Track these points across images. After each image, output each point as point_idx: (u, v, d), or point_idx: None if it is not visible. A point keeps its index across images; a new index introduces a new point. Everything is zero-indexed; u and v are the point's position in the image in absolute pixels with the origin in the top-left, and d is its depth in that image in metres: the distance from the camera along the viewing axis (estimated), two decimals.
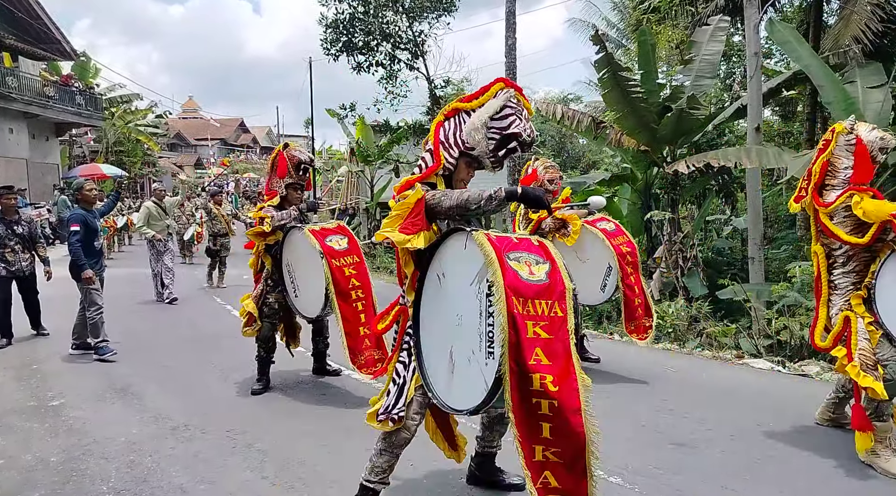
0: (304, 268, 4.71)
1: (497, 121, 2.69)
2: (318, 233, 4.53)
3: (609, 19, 19.75)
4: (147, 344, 6.76)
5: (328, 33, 14.77)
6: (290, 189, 5.01)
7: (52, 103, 21.91)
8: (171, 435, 4.10)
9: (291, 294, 4.87)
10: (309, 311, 4.76)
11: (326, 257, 4.37)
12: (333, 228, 4.69)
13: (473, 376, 2.37)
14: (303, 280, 4.75)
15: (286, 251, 4.86)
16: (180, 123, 53.10)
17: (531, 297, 2.26)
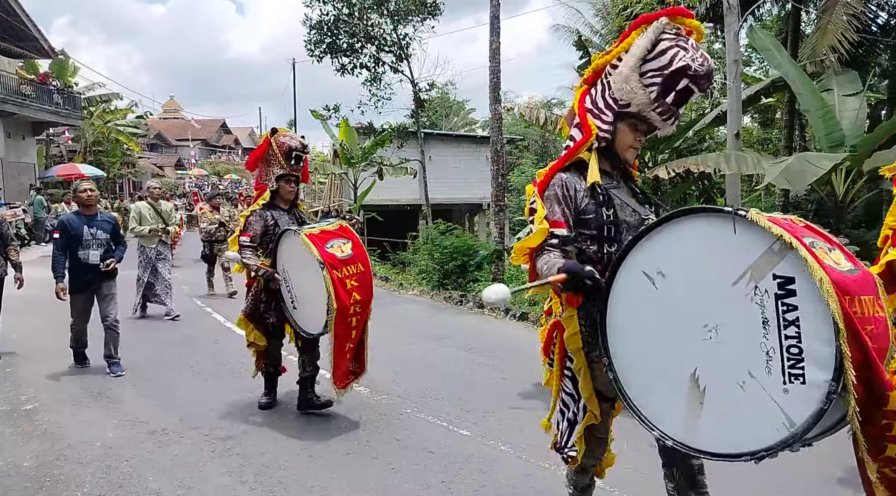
0: (302, 276, 4.10)
1: (652, 61, 2.06)
2: (318, 237, 3.92)
3: (592, 25, 19.92)
4: (123, 347, 6.64)
5: (312, 34, 14.69)
6: (282, 182, 4.33)
7: (29, 102, 21.53)
8: (148, 439, 4.03)
9: (289, 305, 4.26)
10: (308, 327, 4.15)
11: (327, 268, 3.79)
12: (335, 231, 4.07)
13: (754, 407, 1.69)
14: (301, 290, 4.17)
15: (282, 255, 4.25)
16: (161, 124, 52.46)
17: (857, 293, 1.61)
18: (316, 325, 4.06)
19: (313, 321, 4.07)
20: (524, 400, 4.77)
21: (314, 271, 3.85)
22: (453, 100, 35.96)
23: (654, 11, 2.44)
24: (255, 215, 4.32)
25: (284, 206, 4.46)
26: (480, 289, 9.71)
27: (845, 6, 8.63)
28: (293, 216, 4.49)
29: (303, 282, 4.12)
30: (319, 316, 3.94)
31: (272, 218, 4.36)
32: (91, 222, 5.42)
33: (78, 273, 5.40)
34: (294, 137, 4.36)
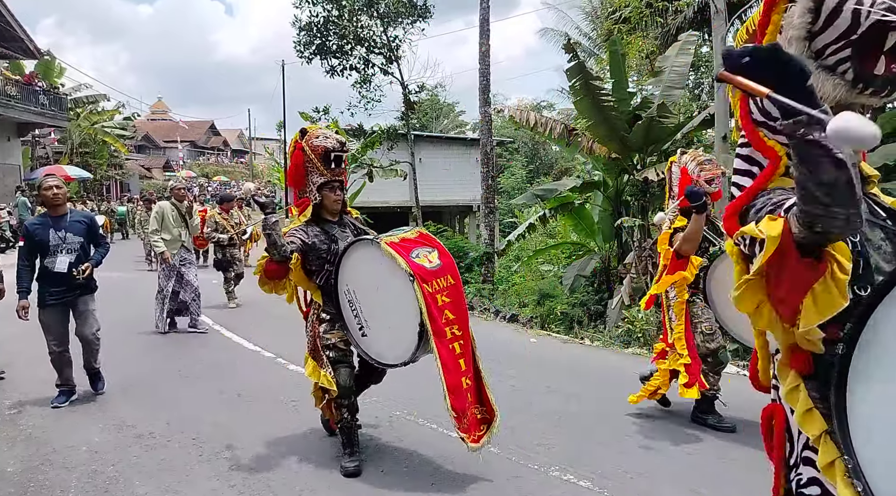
0: (376, 296, 3.45)
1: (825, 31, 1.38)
2: (400, 245, 3.30)
3: (581, 29, 20.04)
4: (110, 350, 6.58)
5: (301, 36, 14.66)
6: (325, 191, 3.60)
7: (14, 102, 21.30)
8: (135, 443, 4.00)
9: (355, 332, 3.57)
10: (387, 356, 3.46)
11: (418, 281, 3.15)
12: (415, 238, 3.43)
13: None
14: (374, 312, 3.48)
15: (345, 274, 3.54)
16: (149, 125, 52.10)
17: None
18: (398, 353, 3.36)
19: (394, 348, 3.39)
20: (513, 401, 4.77)
21: (398, 287, 3.23)
22: (443, 102, 35.97)
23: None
24: (295, 235, 3.52)
25: (332, 218, 3.72)
26: (470, 292, 9.72)
27: None
28: (348, 227, 3.77)
29: (377, 303, 3.44)
30: (404, 341, 3.29)
31: (323, 233, 3.61)
32: (59, 224, 4.59)
33: (47, 285, 4.59)
34: (329, 136, 3.61)
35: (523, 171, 26.05)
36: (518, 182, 24.80)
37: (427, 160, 19.18)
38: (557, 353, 6.55)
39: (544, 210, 10.39)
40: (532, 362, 6.16)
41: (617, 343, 7.08)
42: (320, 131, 3.65)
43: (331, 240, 3.61)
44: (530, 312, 8.30)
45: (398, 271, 3.21)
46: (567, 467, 3.54)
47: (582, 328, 7.82)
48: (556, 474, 3.47)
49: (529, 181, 25.02)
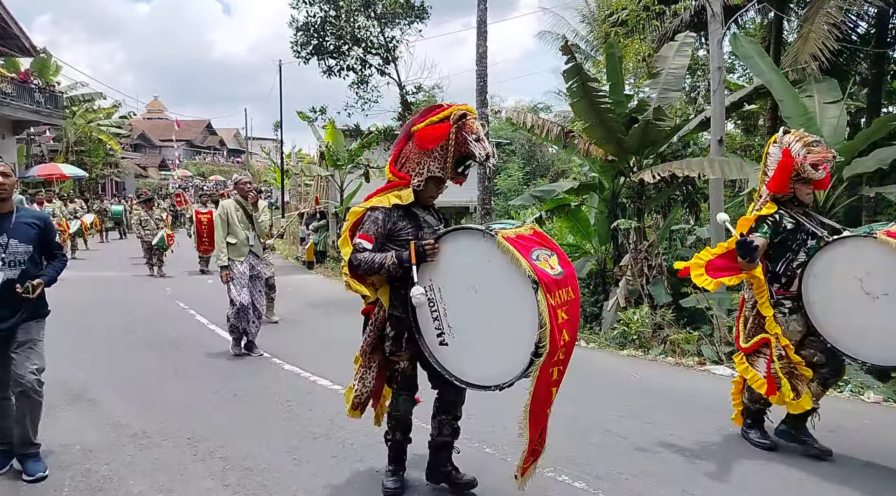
0: (472, 300, 2.83)
1: None
2: (517, 242, 2.71)
3: (578, 31, 20.08)
4: (104, 348, 6.57)
5: (299, 36, 14.65)
6: (432, 183, 3.08)
7: (9, 100, 21.21)
8: (129, 442, 3.98)
9: (430, 339, 2.98)
10: (473, 375, 2.88)
11: (543, 290, 2.56)
12: (531, 236, 2.83)
13: None
14: (465, 319, 2.87)
15: (430, 267, 2.93)
16: (145, 124, 51.97)
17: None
18: (492, 373, 2.80)
19: (487, 366, 2.83)
20: (508, 402, 4.77)
21: (510, 293, 2.68)
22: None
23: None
24: (379, 213, 3.03)
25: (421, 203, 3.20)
26: None
27: (826, 15, 8.78)
28: (438, 215, 3.27)
29: (472, 308, 2.83)
30: (505, 360, 2.72)
31: (408, 217, 3.09)
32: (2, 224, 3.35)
33: None
34: (482, 141, 2.97)
35: (520, 173, 26.08)
36: (515, 183, 24.82)
37: None
38: None
39: (541, 212, 10.40)
40: None
41: (613, 345, 7.10)
42: (477, 130, 2.98)
43: (418, 226, 3.07)
44: None
45: (515, 274, 2.63)
46: (562, 468, 3.54)
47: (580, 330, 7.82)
48: (551, 475, 3.47)
49: (526, 183, 25.04)
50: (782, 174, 3.60)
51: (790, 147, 3.60)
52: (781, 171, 3.61)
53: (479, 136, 2.95)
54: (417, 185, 3.04)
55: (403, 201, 3.04)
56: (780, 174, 3.61)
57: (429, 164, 3.01)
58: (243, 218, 6.14)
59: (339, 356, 6.05)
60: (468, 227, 2.94)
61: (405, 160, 3.09)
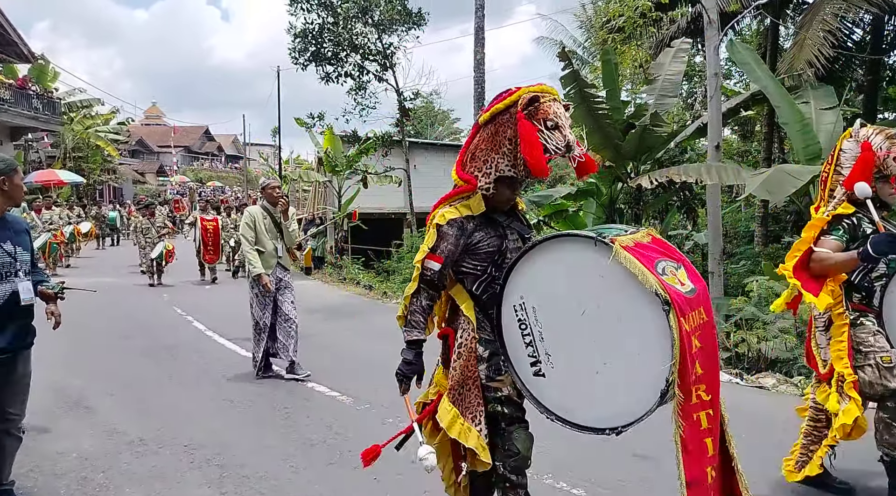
0: (579, 322, 2.27)
1: None
2: (636, 251, 2.16)
3: (576, 38, 20.19)
4: (101, 354, 6.54)
5: (296, 43, 14.68)
6: (504, 186, 2.50)
7: (7, 106, 21.22)
8: (126, 450, 3.96)
9: (520, 367, 2.44)
10: (581, 414, 2.33)
11: (675, 312, 2.04)
12: (648, 242, 2.29)
13: None
14: (569, 345, 2.33)
15: (521, 282, 2.40)
16: (143, 130, 52.01)
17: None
18: (606, 413, 2.27)
19: (600, 405, 2.28)
20: None
21: (633, 314, 2.14)
22: (438, 109, 36.13)
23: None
24: (451, 227, 2.48)
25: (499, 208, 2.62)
26: None
27: (822, 22, 8.83)
28: (524, 220, 2.74)
29: (579, 332, 2.28)
30: (625, 398, 2.20)
31: (488, 224, 2.54)
32: (3, 230, 2.91)
33: None
34: (560, 129, 2.35)
35: None
36: None
37: (422, 167, 19.20)
38: None
39: (539, 217, 10.41)
40: None
41: None
42: (557, 113, 2.36)
43: (500, 234, 2.54)
44: None
45: (637, 291, 2.09)
46: (560, 475, 3.53)
47: None
48: (550, 482, 3.46)
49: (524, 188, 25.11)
50: (863, 169, 3.16)
51: (870, 140, 3.20)
52: (862, 167, 3.16)
53: (555, 122, 2.34)
54: (486, 189, 2.48)
55: (474, 211, 2.50)
56: (861, 169, 3.16)
57: (497, 162, 2.44)
58: (271, 226, 5.52)
59: (337, 362, 6.06)
60: (575, 233, 2.36)
61: (471, 158, 2.55)
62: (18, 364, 2.97)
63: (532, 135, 2.31)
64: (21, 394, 3.02)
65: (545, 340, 2.36)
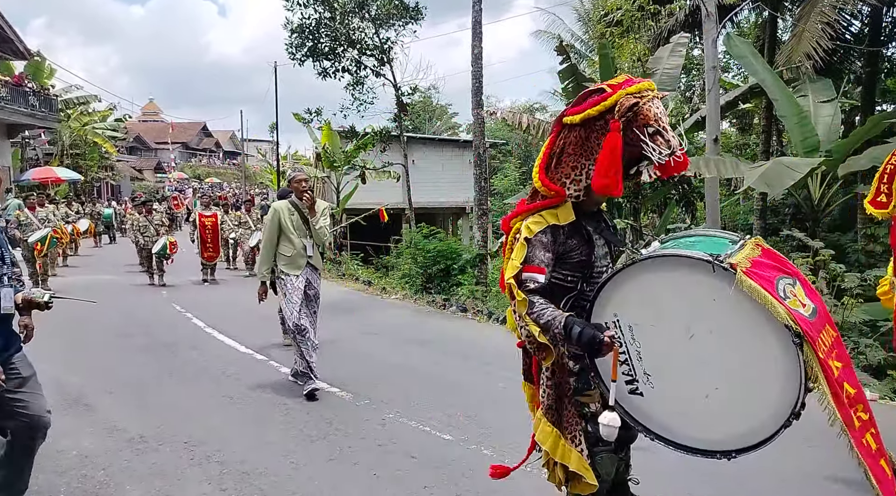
0: (685, 345, 2.11)
1: None
2: (757, 274, 1.94)
3: (574, 31, 20.13)
4: (101, 352, 6.54)
5: (293, 38, 14.65)
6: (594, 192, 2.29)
7: (4, 104, 21.14)
8: (126, 447, 3.97)
9: (615, 385, 2.20)
10: (691, 437, 2.19)
11: (810, 344, 1.87)
12: (759, 256, 2.06)
13: None
14: (675, 368, 2.17)
15: (616, 297, 2.24)
16: (140, 126, 51.89)
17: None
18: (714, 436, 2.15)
19: (706, 427, 2.16)
20: (507, 403, 4.77)
21: (751, 342, 1.99)
22: (436, 104, 36.06)
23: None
24: (545, 235, 2.30)
25: None
26: (464, 293, 9.73)
27: (820, 14, 8.82)
28: (611, 226, 2.56)
29: (683, 353, 2.13)
30: (733, 421, 2.08)
31: (576, 232, 2.35)
32: None
33: None
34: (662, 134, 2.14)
35: (516, 173, 26.12)
36: (511, 184, 24.86)
37: (420, 162, 19.19)
38: None
39: None
40: None
41: None
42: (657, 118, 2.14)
43: (589, 246, 2.36)
44: None
45: (760, 318, 1.93)
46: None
47: None
48: None
49: (522, 183, 25.06)
50: None
51: None
52: None
53: (657, 128, 2.14)
54: (576, 197, 2.29)
55: (562, 221, 2.32)
56: None
57: (589, 169, 2.24)
58: (299, 223, 5.08)
59: (337, 358, 6.06)
60: (687, 254, 2.07)
61: (556, 162, 2.34)
62: (20, 367, 2.81)
63: (618, 152, 2.14)
64: (43, 397, 2.91)
65: (644, 360, 2.22)
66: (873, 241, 8.71)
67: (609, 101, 2.17)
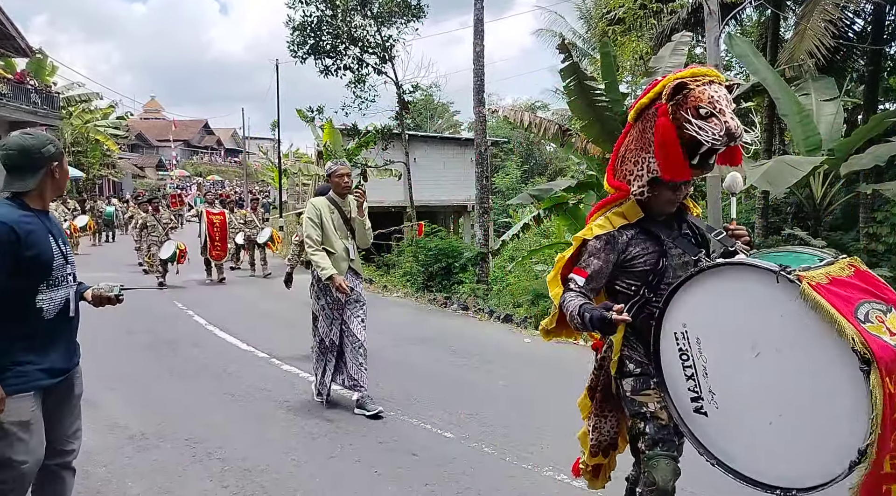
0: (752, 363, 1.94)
1: None
2: (830, 291, 1.77)
3: (576, 30, 20.09)
4: (102, 350, 6.55)
5: (295, 36, 14.63)
6: (663, 188, 2.19)
7: (6, 101, 21.16)
8: (127, 444, 3.98)
9: (679, 401, 2.17)
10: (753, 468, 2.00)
11: (878, 372, 1.66)
12: (848, 277, 1.88)
13: None
14: (741, 389, 2.00)
15: (684, 309, 2.11)
16: (142, 124, 51.94)
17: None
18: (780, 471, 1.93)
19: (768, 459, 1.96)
20: (508, 401, 4.77)
21: (822, 367, 1.80)
22: (438, 102, 36.03)
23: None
24: (599, 241, 2.24)
25: (659, 218, 2.31)
26: (465, 292, 9.73)
27: (823, 12, 8.79)
28: (688, 228, 2.36)
29: (751, 373, 1.95)
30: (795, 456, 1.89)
31: (647, 238, 2.26)
32: (52, 225, 2.39)
33: (38, 349, 2.29)
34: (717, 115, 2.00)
35: (518, 171, 26.11)
36: (513, 182, 24.86)
37: (421, 160, 19.17)
38: (551, 353, 6.55)
39: (539, 210, 10.40)
40: (526, 362, 6.17)
41: None
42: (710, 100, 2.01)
43: (660, 251, 2.23)
44: (524, 312, 8.30)
45: (829, 341, 1.75)
46: (560, 467, 3.54)
47: None
48: (550, 474, 3.47)
49: (524, 181, 25.08)
50: None
51: None
52: None
53: (710, 110, 2.00)
54: (640, 193, 2.20)
55: (629, 219, 2.24)
56: None
57: (649, 162, 2.16)
58: (340, 223, 4.51)
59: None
60: (755, 262, 1.92)
61: (621, 161, 2.31)
62: (75, 384, 2.54)
63: (668, 133, 2.04)
64: (78, 419, 2.57)
65: (709, 377, 2.06)
66: (875, 240, 8.68)
67: (657, 86, 2.14)
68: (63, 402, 2.47)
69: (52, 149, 2.40)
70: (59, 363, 2.37)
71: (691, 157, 2.09)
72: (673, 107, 2.05)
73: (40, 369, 2.28)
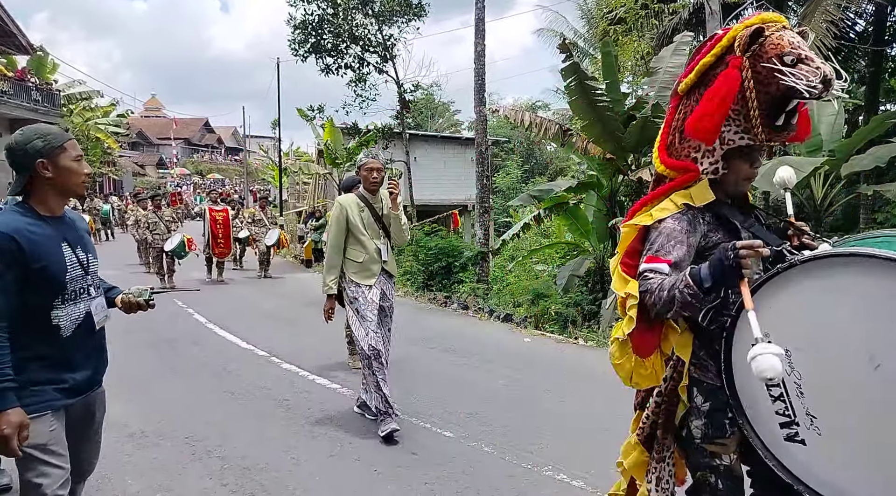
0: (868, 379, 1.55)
1: None
2: None
3: (577, 29, 20.08)
4: None
5: (296, 34, 14.64)
6: (740, 160, 1.89)
7: (6, 98, 21.17)
8: (127, 441, 3.98)
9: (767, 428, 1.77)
10: None
11: None
12: None
13: None
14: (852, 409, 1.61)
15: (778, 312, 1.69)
16: (143, 122, 51.95)
17: None
18: None
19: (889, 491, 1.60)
20: (507, 401, 4.78)
21: None
22: (438, 101, 36.02)
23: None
24: (676, 221, 1.87)
25: (728, 200, 1.97)
26: (465, 291, 9.73)
27: (824, 13, 8.79)
28: (763, 218, 2.05)
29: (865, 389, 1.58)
30: None
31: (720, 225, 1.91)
32: (67, 231, 2.20)
33: (56, 366, 2.18)
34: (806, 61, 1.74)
35: (518, 171, 26.11)
36: (513, 181, 24.85)
37: (422, 159, 19.18)
38: (551, 353, 6.55)
39: (539, 210, 10.40)
40: (526, 361, 6.17)
41: None
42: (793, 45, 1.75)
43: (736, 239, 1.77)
44: (524, 312, 8.31)
45: None
46: (560, 466, 3.55)
47: (576, 328, 7.83)
48: (549, 473, 3.48)
49: (524, 180, 25.07)
50: None
51: None
52: None
53: (797, 56, 1.71)
54: (713, 171, 1.85)
55: (697, 202, 1.87)
56: None
57: (722, 131, 1.82)
58: (371, 221, 4.09)
59: (337, 355, 6.06)
60: (869, 252, 1.53)
61: (680, 136, 1.93)
62: (96, 409, 2.43)
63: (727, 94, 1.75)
64: (98, 441, 2.49)
65: (806, 396, 1.67)
66: None
67: (725, 40, 1.82)
68: (82, 427, 2.32)
69: (38, 144, 2.08)
70: (79, 381, 2.24)
71: (773, 119, 1.79)
72: (750, 59, 1.76)
73: (58, 389, 2.14)
